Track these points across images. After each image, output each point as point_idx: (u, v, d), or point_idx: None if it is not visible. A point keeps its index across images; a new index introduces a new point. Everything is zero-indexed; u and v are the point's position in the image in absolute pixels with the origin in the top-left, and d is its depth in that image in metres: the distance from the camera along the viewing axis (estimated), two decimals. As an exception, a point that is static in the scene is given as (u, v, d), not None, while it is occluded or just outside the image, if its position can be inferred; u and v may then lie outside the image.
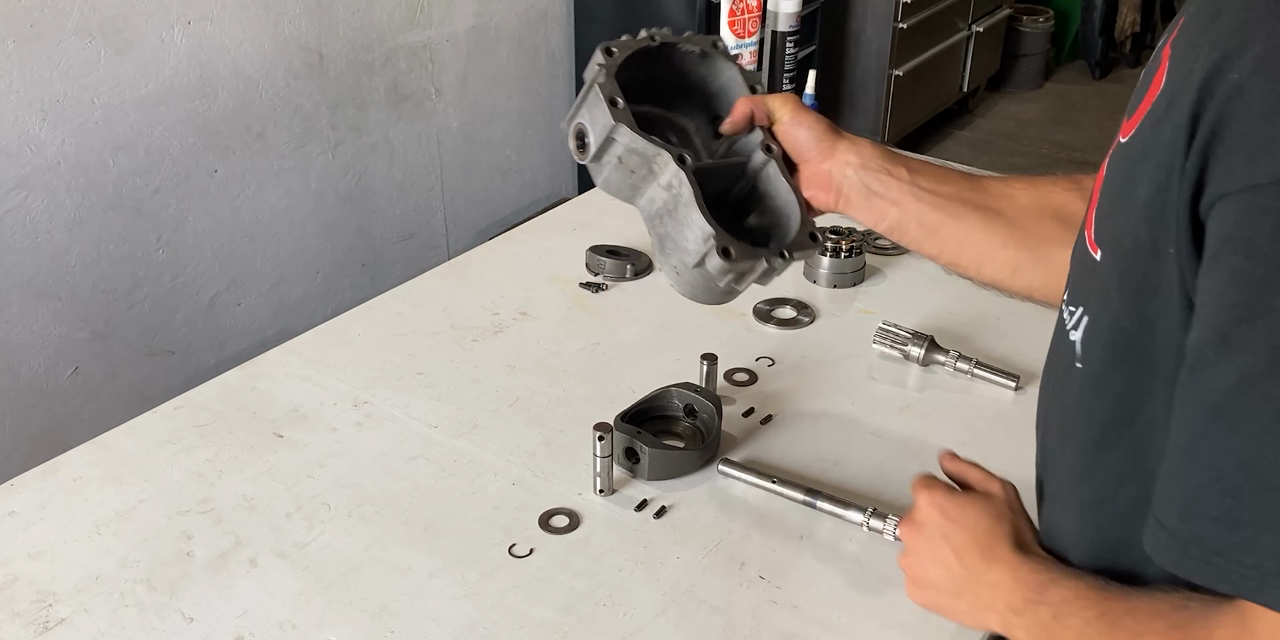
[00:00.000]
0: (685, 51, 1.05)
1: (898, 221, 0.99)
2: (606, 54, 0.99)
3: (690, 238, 0.93)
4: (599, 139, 0.96)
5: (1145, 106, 0.67)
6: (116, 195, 2.11)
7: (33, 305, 2.05)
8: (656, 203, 0.96)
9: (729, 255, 0.91)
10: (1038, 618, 0.77)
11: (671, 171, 0.94)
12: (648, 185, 0.97)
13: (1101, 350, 0.71)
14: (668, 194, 0.95)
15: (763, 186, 1.01)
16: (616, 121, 0.94)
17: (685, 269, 0.95)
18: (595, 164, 0.99)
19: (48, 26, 1.92)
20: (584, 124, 0.98)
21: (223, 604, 0.98)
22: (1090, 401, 0.73)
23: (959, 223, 0.98)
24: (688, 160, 0.94)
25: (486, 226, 2.96)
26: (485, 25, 2.78)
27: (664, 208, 0.96)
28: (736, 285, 0.95)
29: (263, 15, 2.25)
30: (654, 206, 0.97)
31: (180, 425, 1.20)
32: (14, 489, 1.11)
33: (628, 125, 0.94)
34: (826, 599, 0.99)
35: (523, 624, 0.96)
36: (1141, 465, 0.71)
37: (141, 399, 1.83)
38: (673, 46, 1.04)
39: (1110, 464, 0.74)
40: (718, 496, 1.11)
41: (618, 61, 0.99)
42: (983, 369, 1.27)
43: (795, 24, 1.79)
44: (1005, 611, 0.79)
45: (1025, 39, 4.46)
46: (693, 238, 0.93)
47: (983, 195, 0.99)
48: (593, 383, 1.28)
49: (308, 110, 2.41)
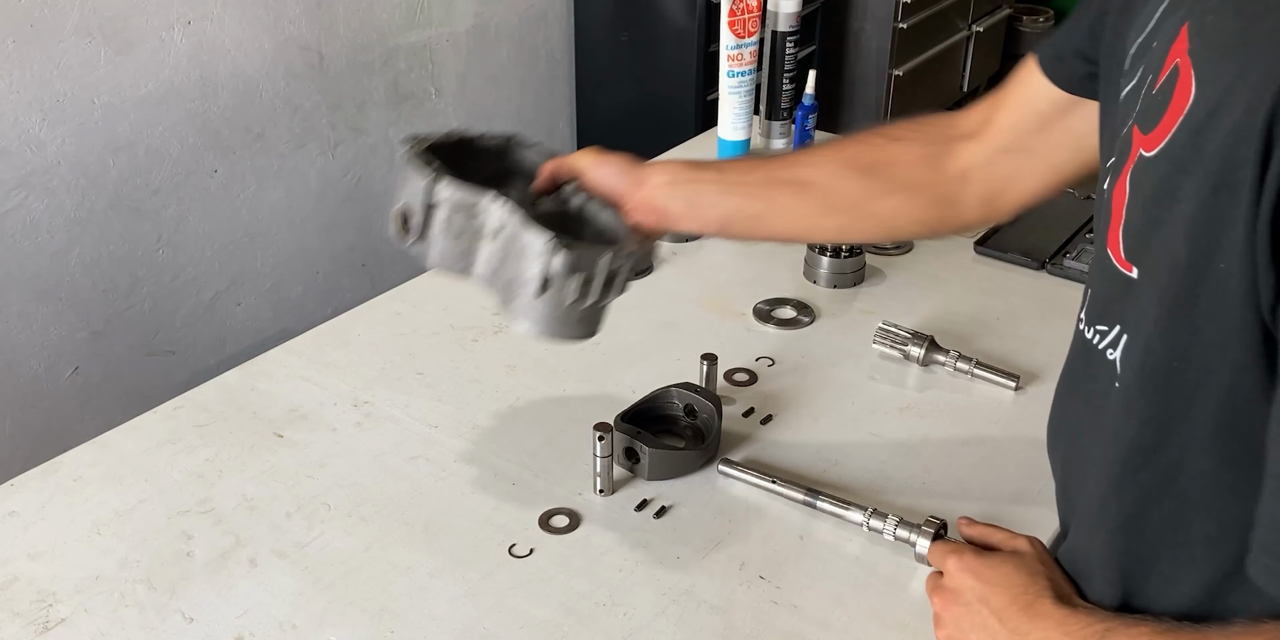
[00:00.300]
0: (483, 146, 1.09)
1: (724, 220, 1.01)
2: (413, 140, 1.03)
3: (529, 261, 0.95)
4: (422, 207, 0.98)
5: (1172, 119, 0.65)
6: (116, 195, 2.11)
7: (33, 305, 2.05)
8: (492, 258, 0.98)
9: (570, 248, 0.92)
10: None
11: (497, 210, 0.96)
12: (478, 244, 0.99)
13: (1138, 369, 0.70)
14: (499, 240, 0.97)
15: (591, 229, 1.05)
16: (435, 177, 0.97)
17: (534, 303, 0.97)
18: (421, 241, 1.01)
19: (48, 26, 1.92)
20: (405, 202, 1.01)
21: (223, 604, 0.98)
22: (1127, 420, 0.72)
23: (777, 204, 1.01)
24: (509, 195, 0.97)
25: (486, 226, 2.96)
26: (485, 25, 2.78)
27: (500, 254, 0.98)
28: (588, 296, 0.96)
29: (263, 15, 2.25)
30: (491, 263, 0.99)
31: (180, 425, 1.20)
32: (14, 489, 1.11)
33: (446, 179, 0.97)
34: (826, 599, 0.99)
35: (523, 624, 0.96)
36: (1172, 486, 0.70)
37: (141, 399, 1.82)
38: (470, 142, 1.08)
39: (1143, 483, 0.73)
40: (718, 496, 1.11)
41: (423, 144, 1.02)
42: (983, 369, 1.27)
43: (795, 24, 1.79)
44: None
45: (1025, 39, 4.46)
46: (533, 258, 0.94)
47: (792, 171, 1.01)
48: (593, 383, 1.28)
49: (308, 110, 2.41)
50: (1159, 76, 0.68)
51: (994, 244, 1.55)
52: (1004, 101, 1.01)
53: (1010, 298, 1.44)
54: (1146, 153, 0.68)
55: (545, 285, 0.95)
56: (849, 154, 1.02)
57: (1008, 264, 1.51)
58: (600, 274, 0.96)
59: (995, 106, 1.02)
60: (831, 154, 1.03)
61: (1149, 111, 0.69)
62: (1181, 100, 0.64)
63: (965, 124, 1.03)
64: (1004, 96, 1.01)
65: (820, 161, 1.02)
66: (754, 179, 1.01)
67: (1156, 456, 0.71)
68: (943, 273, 1.51)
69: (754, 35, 1.73)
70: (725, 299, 1.44)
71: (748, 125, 1.79)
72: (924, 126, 1.05)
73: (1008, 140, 1.00)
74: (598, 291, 0.97)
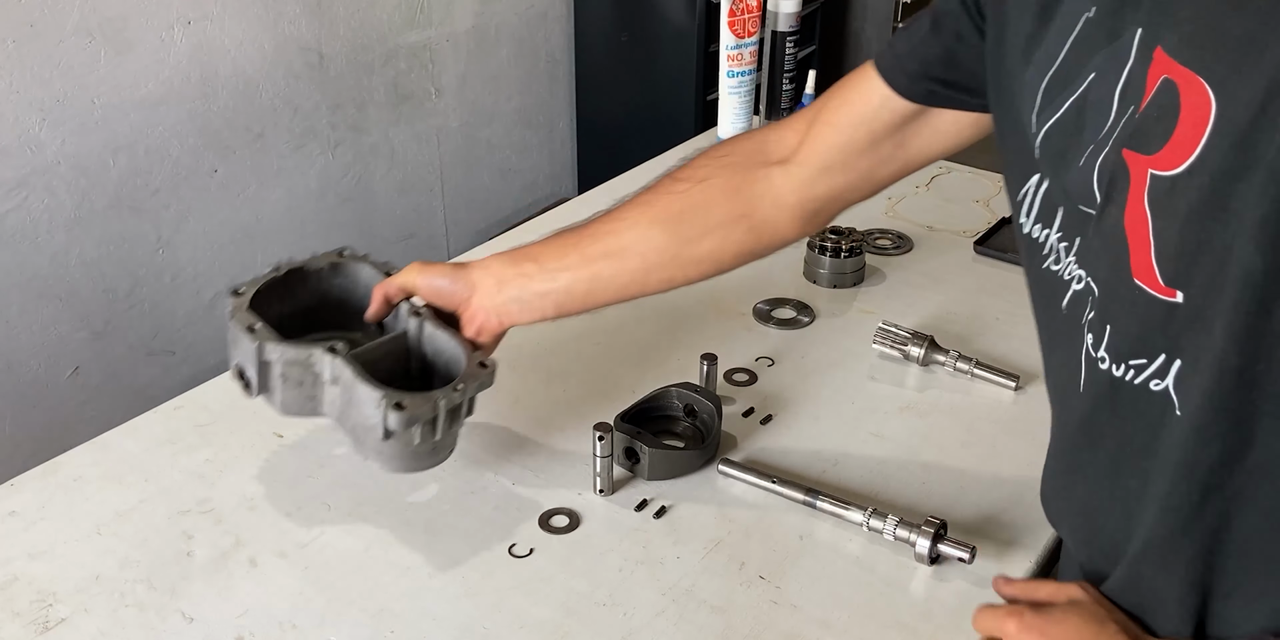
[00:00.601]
0: (315, 270, 1.12)
1: (557, 306, 1.06)
2: (234, 295, 1.06)
3: (369, 412, 0.98)
4: (255, 367, 1.02)
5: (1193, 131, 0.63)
6: (116, 195, 2.11)
7: (33, 305, 2.05)
8: (336, 402, 1.02)
9: (401, 407, 0.95)
10: None
11: (328, 363, 1.00)
12: (321, 391, 1.03)
13: (1209, 392, 0.68)
14: (338, 387, 1.01)
15: (430, 348, 1.07)
16: (259, 342, 1.00)
17: (383, 445, 1.00)
18: (267, 394, 1.05)
19: (48, 26, 1.92)
20: (238, 361, 1.05)
21: (223, 604, 0.98)
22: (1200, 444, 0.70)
23: (601, 278, 1.05)
24: (338, 348, 1.00)
25: (486, 226, 2.96)
26: (485, 25, 2.78)
27: (342, 401, 1.01)
28: (434, 438, 1.00)
29: (263, 15, 2.25)
30: (335, 407, 1.02)
31: (180, 425, 1.20)
32: (14, 489, 1.11)
33: (271, 342, 1.01)
34: (826, 599, 0.99)
35: (523, 624, 0.96)
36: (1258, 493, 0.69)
37: (141, 399, 1.82)
38: (301, 270, 1.11)
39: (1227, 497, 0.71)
40: (718, 496, 1.11)
41: (246, 298, 1.06)
42: (983, 369, 1.27)
43: (795, 24, 1.79)
44: None
45: (1025, 39, 4.46)
46: (370, 410, 0.97)
47: (604, 243, 1.05)
48: (593, 383, 1.28)
49: (308, 110, 2.41)
50: (1142, 98, 0.67)
51: (994, 244, 1.55)
52: (830, 120, 1.00)
53: (1010, 298, 1.44)
54: (1164, 172, 0.66)
55: (389, 434, 0.98)
56: (656, 209, 1.05)
57: (1008, 264, 1.51)
58: (442, 413, 0.99)
59: (816, 124, 1.01)
60: (638, 213, 1.05)
61: (1145, 133, 0.67)
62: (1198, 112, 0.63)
63: (779, 148, 1.04)
64: (830, 115, 1.01)
65: (629, 225, 1.05)
66: (571, 261, 1.05)
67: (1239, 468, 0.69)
68: (943, 273, 1.51)
69: (754, 35, 1.74)
70: (725, 299, 1.44)
71: (748, 125, 1.79)
72: (730, 156, 1.06)
73: (829, 160, 1.01)
74: (443, 429, 1.00)
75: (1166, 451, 0.72)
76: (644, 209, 1.05)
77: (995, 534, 1.06)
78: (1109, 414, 0.76)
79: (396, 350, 1.07)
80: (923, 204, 1.69)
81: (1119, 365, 0.73)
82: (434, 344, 1.07)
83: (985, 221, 1.62)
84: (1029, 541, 1.05)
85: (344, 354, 0.99)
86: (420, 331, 1.07)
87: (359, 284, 1.13)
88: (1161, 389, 0.71)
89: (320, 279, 1.13)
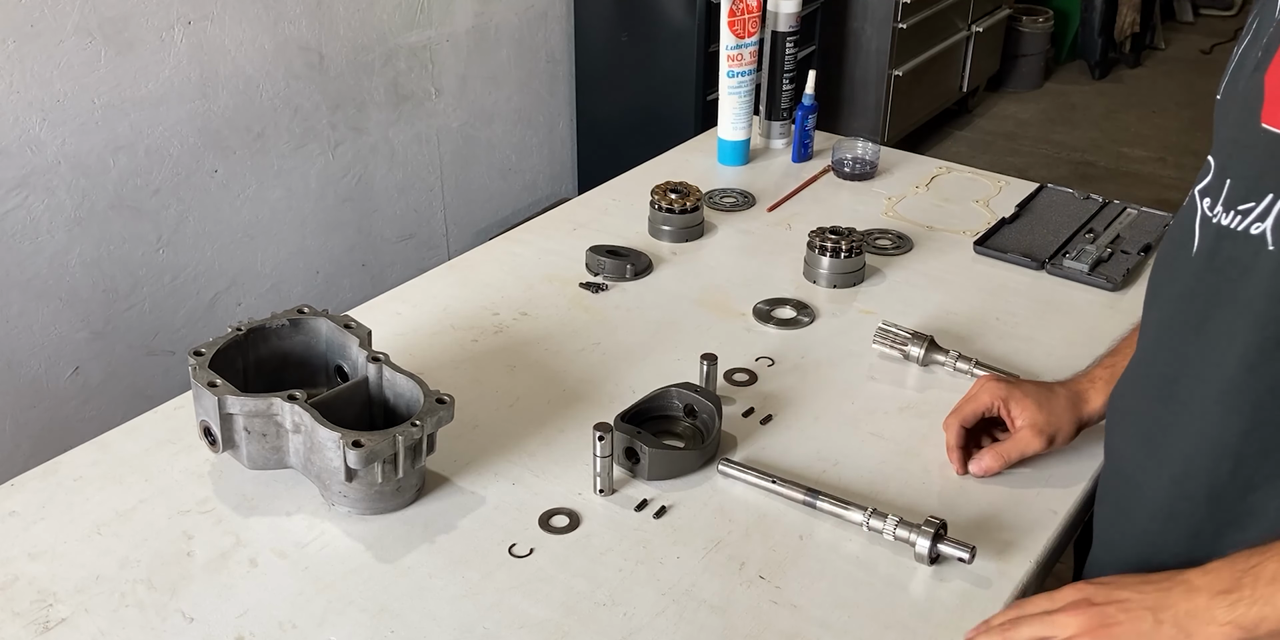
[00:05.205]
0: (275, 328, 1.15)
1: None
2: (195, 355, 1.08)
3: (331, 455, 1.01)
4: (219, 422, 1.04)
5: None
6: (116, 195, 2.11)
7: (33, 305, 2.05)
8: (300, 450, 1.05)
9: (360, 445, 0.98)
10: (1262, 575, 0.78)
11: (288, 411, 1.03)
12: (285, 441, 1.06)
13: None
14: (301, 435, 1.04)
15: (390, 392, 1.10)
16: (220, 396, 1.03)
17: (347, 488, 1.04)
18: (233, 449, 1.08)
19: (48, 26, 1.92)
20: (202, 418, 1.07)
21: (223, 604, 0.98)
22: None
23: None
24: (298, 396, 1.03)
25: (486, 226, 2.96)
26: (485, 25, 2.78)
27: (305, 448, 1.04)
28: (396, 476, 1.03)
29: (263, 15, 2.25)
30: (300, 455, 1.06)
31: (180, 425, 1.20)
32: (14, 489, 1.11)
33: (230, 394, 1.03)
34: (826, 599, 0.99)
35: (523, 624, 0.96)
36: None
37: (141, 399, 1.83)
38: (262, 329, 1.14)
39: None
40: (718, 496, 1.11)
41: (207, 357, 1.08)
42: (982, 369, 1.27)
43: (795, 24, 1.79)
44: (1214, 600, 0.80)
45: (1025, 39, 4.46)
46: (331, 452, 1.00)
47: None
48: (593, 383, 1.28)
49: (308, 110, 2.41)
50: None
51: (994, 244, 1.55)
52: None
53: (1010, 298, 1.44)
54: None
55: (351, 473, 1.01)
56: None
57: (1008, 264, 1.51)
58: (402, 450, 1.01)
59: None
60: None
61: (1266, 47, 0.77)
62: None
63: None
64: None
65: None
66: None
67: None
68: (943, 273, 1.51)
69: (754, 35, 1.74)
70: (725, 299, 1.44)
71: (747, 125, 1.79)
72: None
73: None
74: (404, 467, 1.03)
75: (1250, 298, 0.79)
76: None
77: (995, 534, 1.06)
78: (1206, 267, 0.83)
79: (357, 397, 1.09)
80: (922, 204, 1.69)
81: (1228, 213, 0.81)
82: (394, 388, 1.09)
83: (985, 221, 1.62)
84: (1029, 542, 1.05)
85: (303, 401, 1.02)
86: (380, 377, 1.10)
87: (319, 339, 1.16)
88: (1260, 232, 0.78)
89: (281, 337, 1.15)
